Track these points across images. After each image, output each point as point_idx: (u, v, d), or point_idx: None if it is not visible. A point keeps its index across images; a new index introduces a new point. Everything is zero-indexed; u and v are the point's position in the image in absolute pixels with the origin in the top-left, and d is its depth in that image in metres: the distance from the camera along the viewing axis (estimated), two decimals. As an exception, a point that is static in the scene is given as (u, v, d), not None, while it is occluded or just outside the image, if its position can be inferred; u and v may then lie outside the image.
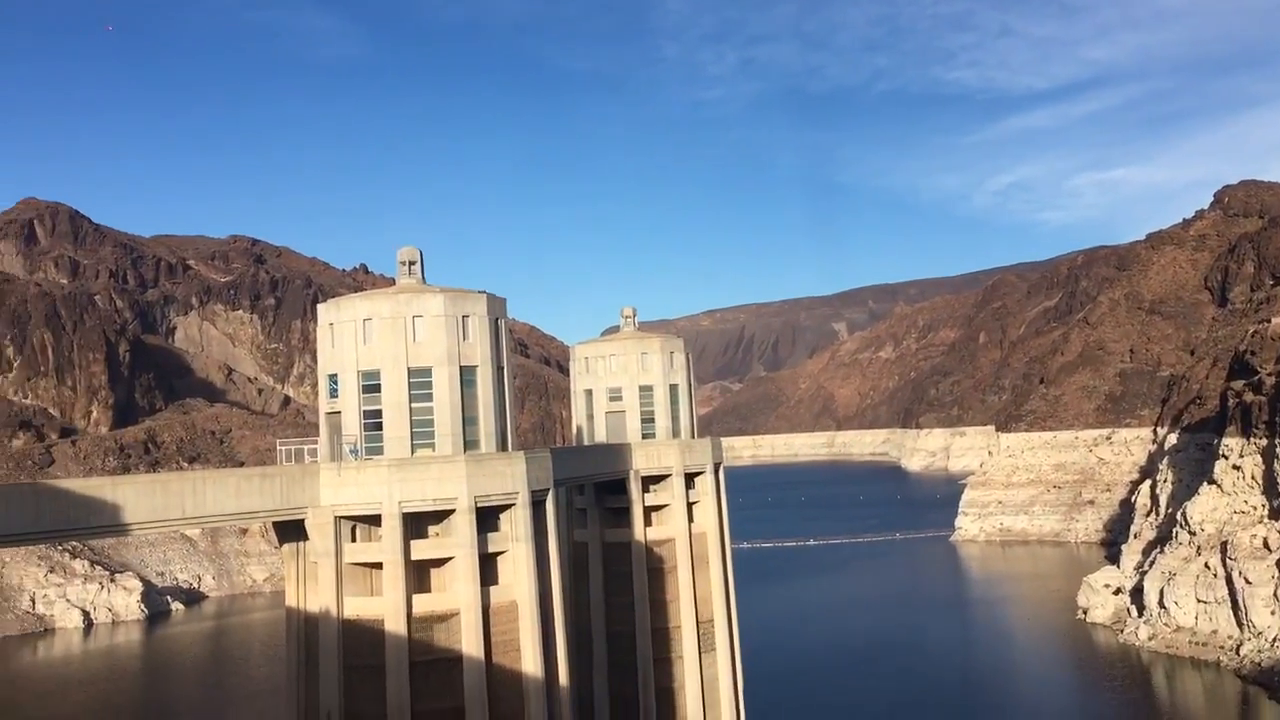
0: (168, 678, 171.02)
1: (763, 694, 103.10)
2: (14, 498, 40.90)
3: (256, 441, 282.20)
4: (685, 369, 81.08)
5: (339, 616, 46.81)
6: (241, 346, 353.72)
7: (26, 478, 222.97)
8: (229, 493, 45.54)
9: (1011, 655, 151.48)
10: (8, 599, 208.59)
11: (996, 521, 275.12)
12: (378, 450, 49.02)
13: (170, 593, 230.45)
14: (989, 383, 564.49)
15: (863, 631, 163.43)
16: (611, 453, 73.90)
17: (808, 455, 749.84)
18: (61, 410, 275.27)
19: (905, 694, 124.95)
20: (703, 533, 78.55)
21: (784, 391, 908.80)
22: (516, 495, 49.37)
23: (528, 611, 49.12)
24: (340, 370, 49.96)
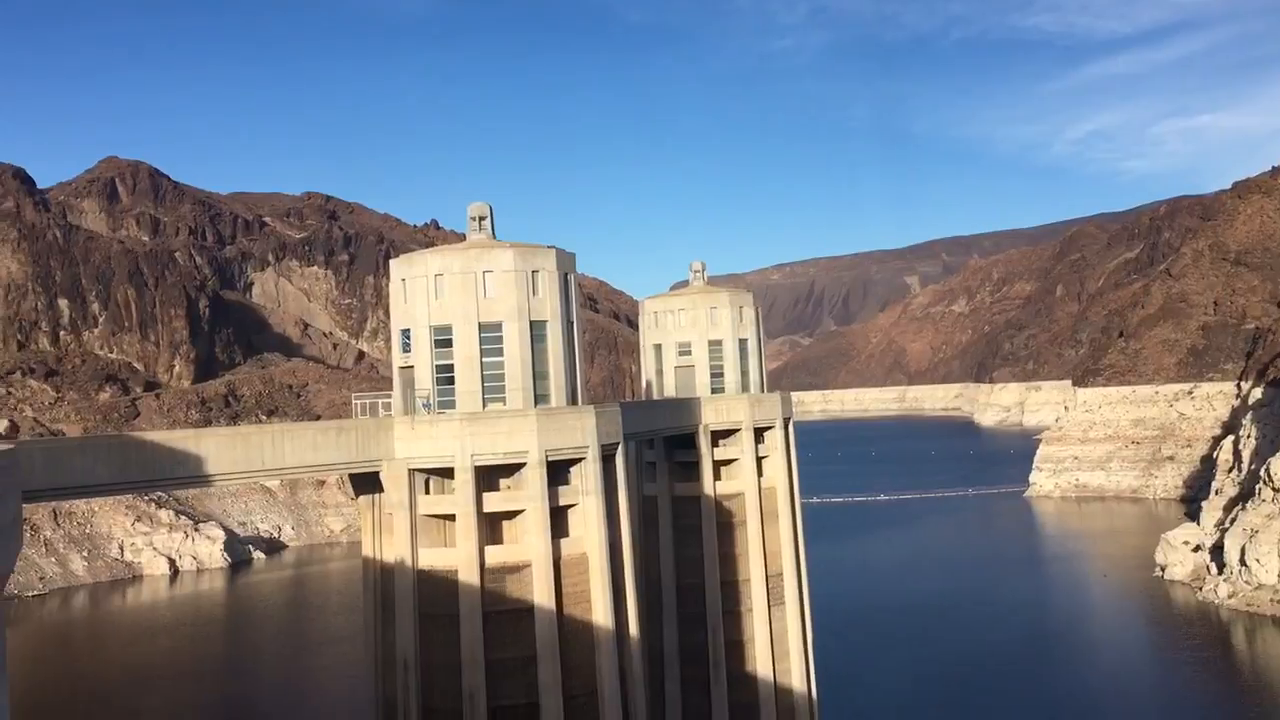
0: (250, 624, 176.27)
1: (832, 648, 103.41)
2: (102, 449, 42.21)
3: (332, 395, 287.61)
4: (754, 323, 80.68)
5: (414, 567, 47.72)
6: (316, 302, 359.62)
7: (113, 430, 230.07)
8: (306, 445, 46.49)
9: (1086, 613, 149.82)
10: (98, 547, 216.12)
11: (1072, 477, 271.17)
12: (450, 404, 49.62)
13: (251, 542, 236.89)
14: (1066, 336, 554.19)
15: (933, 587, 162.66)
16: (680, 407, 74.02)
17: (878, 410, 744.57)
18: (145, 364, 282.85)
19: (976, 650, 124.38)
20: (772, 487, 78.53)
21: (854, 346, 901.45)
22: (586, 449, 49.73)
23: (598, 564, 49.64)
24: (412, 325, 50.54)
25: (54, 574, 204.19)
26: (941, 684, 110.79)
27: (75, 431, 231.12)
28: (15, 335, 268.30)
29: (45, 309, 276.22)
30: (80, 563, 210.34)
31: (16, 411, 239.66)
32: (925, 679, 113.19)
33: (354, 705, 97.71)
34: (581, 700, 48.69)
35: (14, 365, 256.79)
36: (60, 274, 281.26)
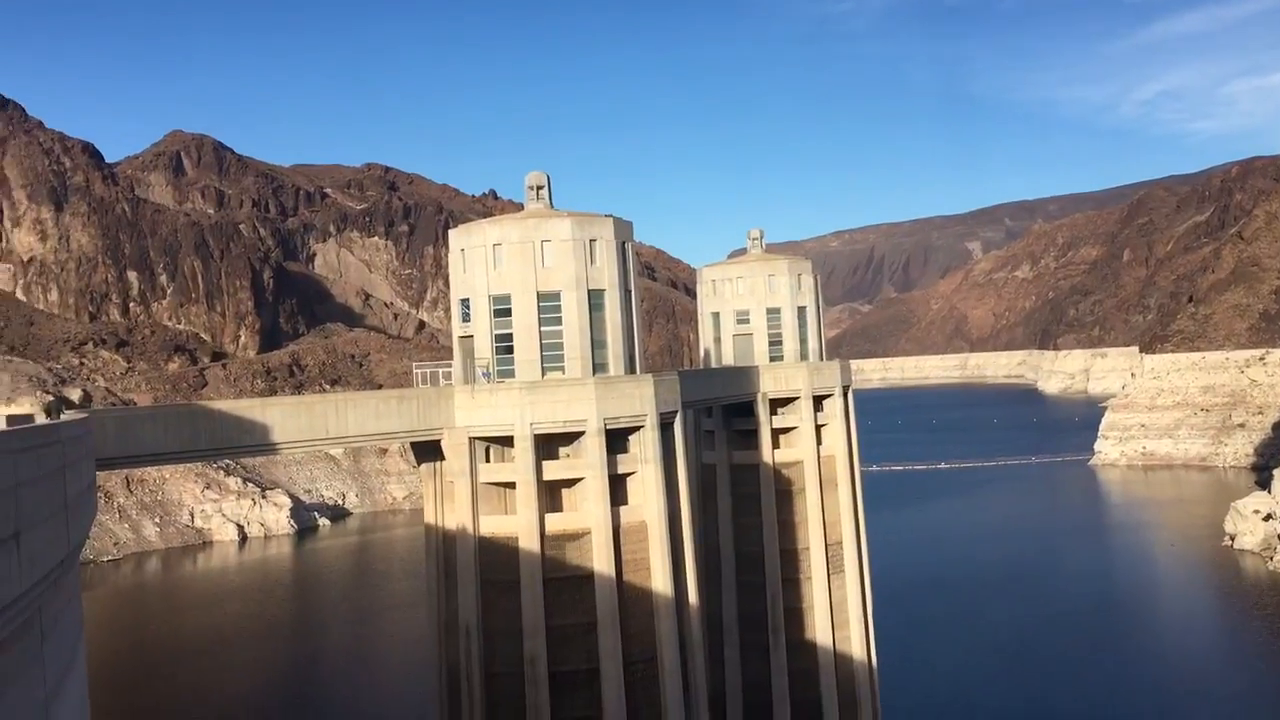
0: (316, 589, 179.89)
1: (892, 616, 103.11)
2: (172, 418, 43.20)
3: (393, 364, 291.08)
4: (813, 291, 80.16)
5: (475, 534, 48.33)
6: (377, 272, 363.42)
7: (182, 399, 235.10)
8: (369, 414, 47.17)
9: (1152, 583, 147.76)
10: (169, 513, 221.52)
11: (1139, 445, 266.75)
12: (509, 373, 50.00)
13: (317, 509, 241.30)
14: (1133, 302, 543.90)
15: (995, 556, 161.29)
16: (739, 375, 73.90)
17: (939, 378, 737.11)
18: (212, 335, 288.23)
19: (1039, 621, 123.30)
20: (831, 455, 78.25)
21: (915, 313, 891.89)
22: (645, 417, 49.88)
23: (657, 531, 49.89)
24: (472, 295, 50.92)
25: (128, 540, 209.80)
26: (1003, 654, 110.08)
27: (145, 401, 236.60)
28: (87, 307, 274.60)
29: (115, 281, 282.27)
30: (153, 529, 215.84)
31: (89, 381, 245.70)
32: (986, 648, 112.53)
33: (417, 669, 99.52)
34: (641, 666, 49.11)
35: (86, 336, 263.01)
36: (129, 247, 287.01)
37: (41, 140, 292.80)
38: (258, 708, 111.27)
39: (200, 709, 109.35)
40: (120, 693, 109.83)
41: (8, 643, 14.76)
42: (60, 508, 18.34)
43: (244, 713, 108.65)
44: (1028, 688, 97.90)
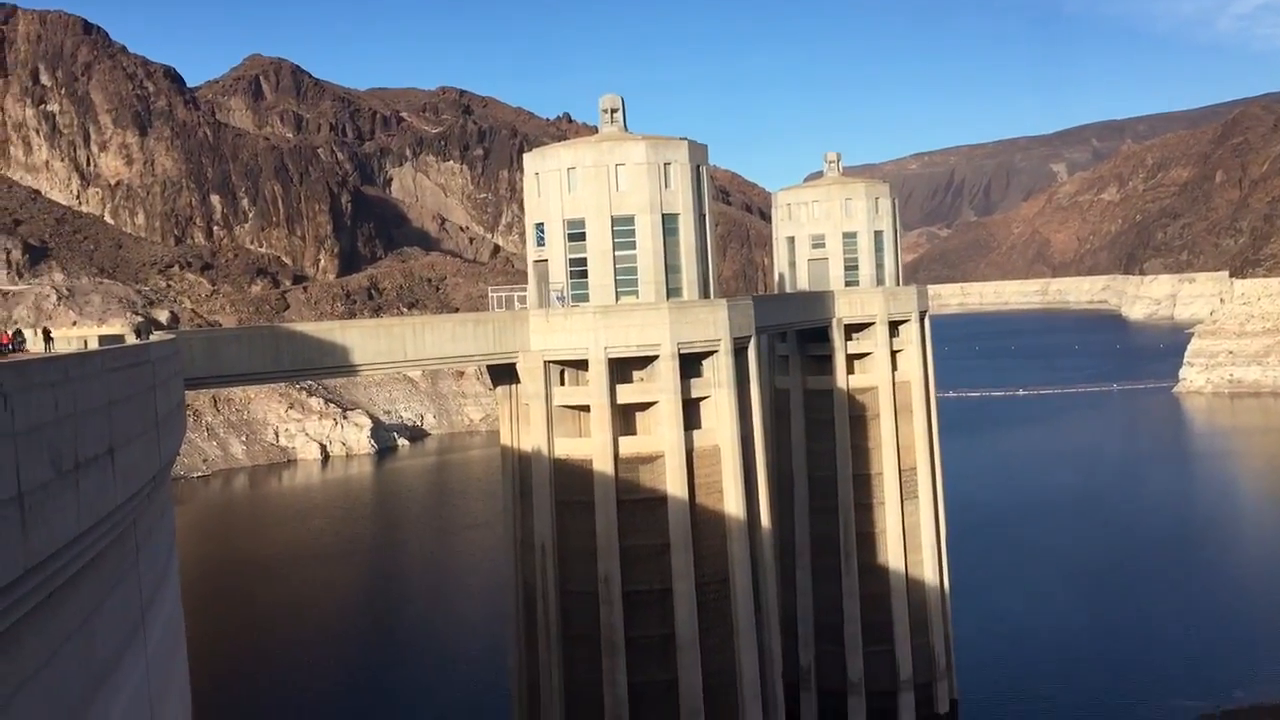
0: (395, 507, 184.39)
1: (966, 543, 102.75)
2: (256, 340, 44.31)
3: (469, 288, 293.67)
4: (890, 215, 78.93)
5: (550, 456, 49.04)
6: (453, 196, 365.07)
7: (264, 321, 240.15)
8: (445, 337, 47.85)
9: (1235, 512, 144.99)
10: (255, 432, 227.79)
11: (1226, 373, 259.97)
12: (583, 298, 50.22)
13: (396, 430, 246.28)
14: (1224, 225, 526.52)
15: (1073, 484, 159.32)
16: (814, 300, 73.34)
17: (1019, 304, 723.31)
18: (293, 258, 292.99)
19: (1116, 549, 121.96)
20: (906, 381, 77.64)
21: (995, 237, 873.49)
22: (718, 342, 49.87)
23: (729, 455, 50.14)
24: (546, 219, 51.03)
25: (216, 457, 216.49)
26: (1078, 583, 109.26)
27: (230, 323, 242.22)
28: (173, 230, 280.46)
29: (199, 205, 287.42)
30: (239, 447, 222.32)
31: (176, 303, 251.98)
32: (1061, 577, 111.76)
33: (494, 587, 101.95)
34: (713, 587, 49.75)
35: (172, 259, 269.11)
36: (212, 171, 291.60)
37: (125, 65, 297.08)
38: (340, 621, 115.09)
39: (286, 620, 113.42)
40: (211, 603, 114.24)
41: (105, 554, 15.42)
42: (151, 425, 18.98)
43: (326, 626, 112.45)
44: (1101, 617, 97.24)
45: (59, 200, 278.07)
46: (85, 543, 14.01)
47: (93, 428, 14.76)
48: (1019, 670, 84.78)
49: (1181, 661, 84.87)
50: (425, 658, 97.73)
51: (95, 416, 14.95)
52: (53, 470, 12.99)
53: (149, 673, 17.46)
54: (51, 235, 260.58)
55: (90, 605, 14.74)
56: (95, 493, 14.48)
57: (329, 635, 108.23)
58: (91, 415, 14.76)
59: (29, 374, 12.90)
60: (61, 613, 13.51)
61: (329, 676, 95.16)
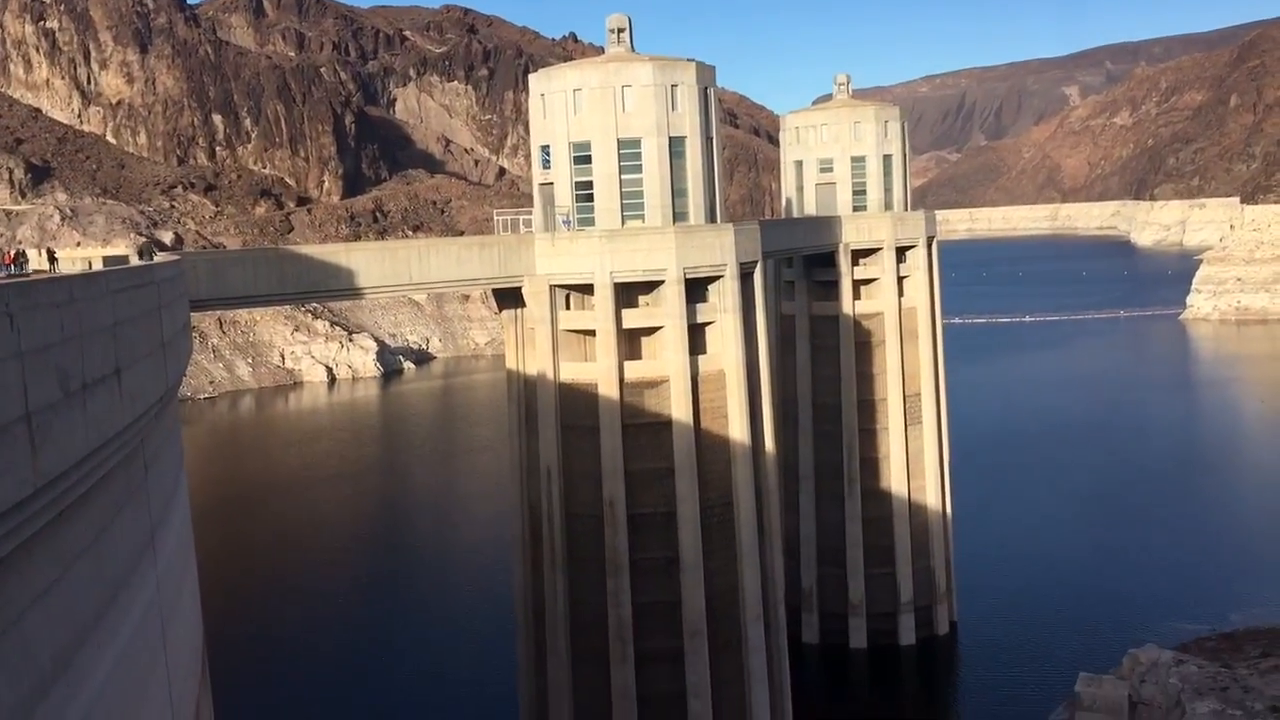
0: (402, 430, 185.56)
1: (969, 468, 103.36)
2: (261, 262, 44.18)
3: (474, 211, 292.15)
4: (900, 139, 78.09)
5: (555, 380, 49.17)
6: (457, 118, 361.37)
7: (269, 243, 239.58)
8: (451, 260, 47.70)
9: (1237, 438, 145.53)
10: (261, 354, 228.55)
11: (1233, 300, 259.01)
12: (589, 221, 49.93)
13: (402, 353, 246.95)
14: (1238, 150, 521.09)
15: (1078, 410, 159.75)
16: (821, 225, 72.91)
17: (1027, 229, 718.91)
18: (296, 180, 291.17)
19: (1120, 474, 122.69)
20: (912, 307, 77.49)
21: (1005, 162, 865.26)
22: (725, 267, 49.68)
23: (735, 380, 50.25)
24: (552, 141, 50.53)
25: (222, 378, 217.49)
26: (1080, 507, 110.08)
27: (234, 244, 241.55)
28: (175, 150, 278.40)
29: (201, 125, 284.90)
30: (245, 369, 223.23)
31: (180, 225, 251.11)
32: (1063, 502, 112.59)
33: (500, 510, 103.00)
34: (717, 510, 50.21)
35: (176, 180, 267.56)
36: (213, 90, 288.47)
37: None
38: (347, 543, 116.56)
39: (294, 541, 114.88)
40: (220, 523, 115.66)
41: (114, 474, 15.55)
42: (158, 346, 19.01)
43: (334, 547, 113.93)
44: (1101, 542, 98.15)
45: (60, 119, 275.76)
46: (94, 462, 14.11)
47: (99, 349, 14.78)
48: (1018, 594, 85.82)
49: (1179, 585, 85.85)
50: (431, 580, 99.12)
51: (101, 337, 14.97)
52: (60, 390, 13.03)
53: (160, 590, 17.72)
54: (53, 155, 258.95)
55: (101, 524, 14.90)
56: (103, 413, 14.55)
57: (336, 556, 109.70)
58: (97, 336, 14.78)
59: (35, 294, 12.89)
60: (72, 531, 13.66)
61: (336, 596, 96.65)
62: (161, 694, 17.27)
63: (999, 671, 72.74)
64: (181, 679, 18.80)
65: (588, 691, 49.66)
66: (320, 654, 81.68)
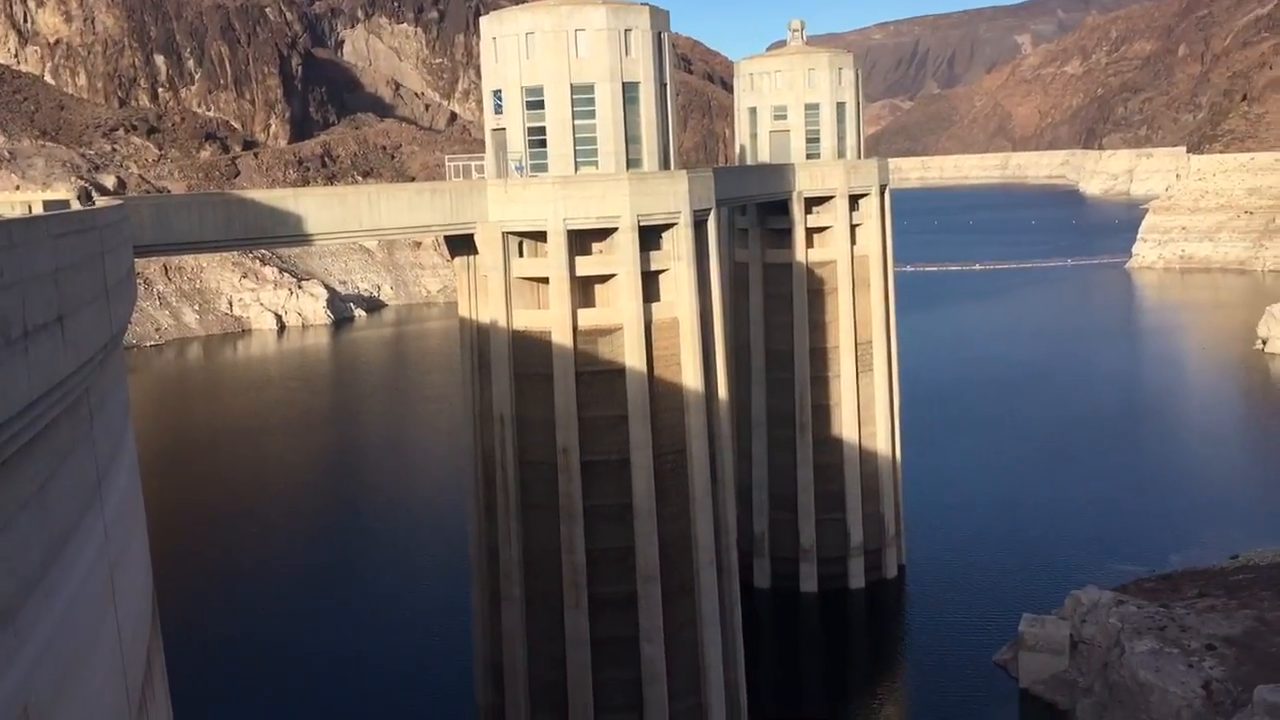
0: (354, 378, 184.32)
1: (919, 415, 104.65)
2: (207, 207, 43.31)
3: (425, 157, 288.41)
4: (854, 86, 77.96)
5: (509, 328, 48.96)
6: (407, 61, 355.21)
7: (215, 188, 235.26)
8: (401, 207, 47.11)
9: (1181, 384, 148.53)
10: (208, 301, 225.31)
11: (1178, 248, 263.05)
12: (542, 167, 49.47)
13: (352, 300, 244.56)
14: (1185, 100, 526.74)
15: (1026, 358, 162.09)
16: (775, 173, 72.84)
17: (979, 178, 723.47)
18: (242, 123, 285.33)
19: (1066, 420, 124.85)
20: (865, 255, 77.89)
21: (957, 110, 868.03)
22: (679, 214, 49.54)
23: (688, 328, 50.33)
24: (504, 86, 49.85)
25: (169, 326, 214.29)
26: (1027, 453, 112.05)
27: (179, 189, 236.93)
28: (116, 92, 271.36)
29: (143, 65, 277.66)
30: (192, 316, 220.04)
31: (122, 168, 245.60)
32: (1011, 446, 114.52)
33: (453, 458, 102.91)
34: (671, 457, 50.50)
35: (117, 122, 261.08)
36: (155, 30, 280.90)
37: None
38: (299, 491, 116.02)
39: (245, 491, 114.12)
40: (169, 471, 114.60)
41: (58, 422, 15.28)
42: (101, 293, 18.62)
43: (286, 496, 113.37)
44: (1047, 486, 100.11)
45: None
46: (37, 411, 13.85)
47: (40, 295, 14.45)
48: (965, 537, 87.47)
49: (1121, 529, 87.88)
50: (384, 527, 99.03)
51: (43, 284, 14.62)
52: (0, 338, 12.74)
53: (108, 541, 17.51)
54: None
55: (45, 474, 14.65)
56: (45, 361, 14.26)
57: (288, 504, 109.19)
58: (39, 282, 14.43)
59: (-30, 240, 12.53)
60: (16, 481, 13.43)
61: (289, 544, 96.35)
62: (111, 645, 17.14)
63: (946, 613, 74.27)
64: (132, 629, 18.67)
65: (542, 636, 50.07)
66: (273, 601, 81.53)
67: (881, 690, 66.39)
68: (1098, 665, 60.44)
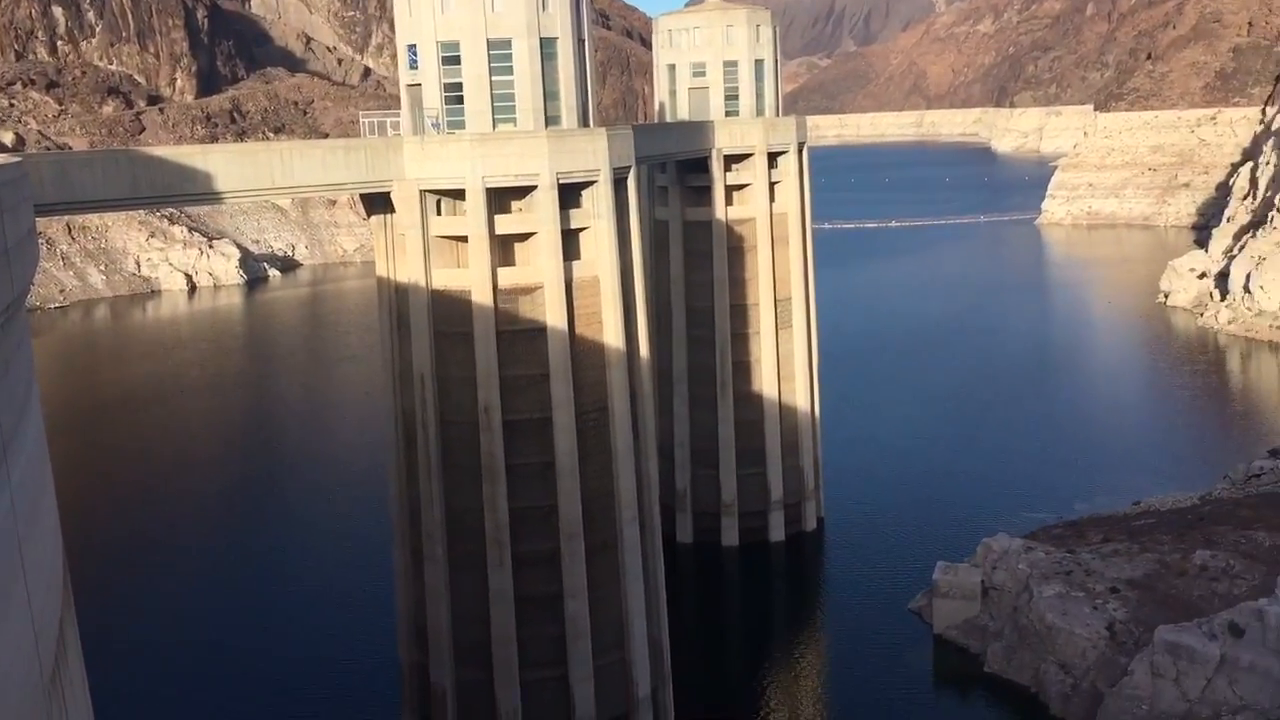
0: (268, 340, 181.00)
1: (837, 370, 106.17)
2: (111, 164, 41.88)
3: (339, 113, 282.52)
4: (772, 43, 78.04)
5: (428, 287, 48.42)
6: (318, 14, 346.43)
7: (119, 145, 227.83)
8: (315, 164, 46.12)
9: (1087, 337, 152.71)
10: (114, 261, 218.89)
11: (1085, 205, 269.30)
12: (459, 124, 48.78)
13: (266, 260, 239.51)
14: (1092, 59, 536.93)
15: (940, 312, 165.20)
16: (694, 131, 72.77)
17: (895, 136, 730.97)
18: (147, 77, 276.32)
19: (978, 372, 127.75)
20: (784, 213, 78.39)
21: (874, 68, 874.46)
22: (598, 172, 49.29)
23: (609, 286, 50.28)
24: (419, 41, 48.93)
25: (73, 287, 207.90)
26: (941, 404, 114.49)
27: (81, 146, 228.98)
28: (12, 44, 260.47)
29: (40, 16, 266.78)
30: (98, 276, 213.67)
31: (20, 124, 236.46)
32: (926, 399, 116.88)
33: (373, 419, 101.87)
34: (593, 416, 50.61)
35: (14, 76, 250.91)
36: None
37: None
38: (213, 454, 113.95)
39: (156, 452, 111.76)
40: (78, 436, 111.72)
41: (-39, 390, 14.80)
42: (0, 252, 18.00)
43: (199, 459, 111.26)
44: (959, 438, 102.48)
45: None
46: (-62, 378, 13.39)
47: (-63, 257, 13.92)
48: (882, 489, 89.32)
49: (1031, 478, 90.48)
50: (303, 489, 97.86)
51: (-61, 245, 14.09)
52: (-104, 303, 12.26)
53: (14, 510, 17.06)
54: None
55: (-52, 442, 14.19)
56: (-55, 326, 13.77)
57: (203, 467, 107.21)
58: (-66, 244, 13.91)
59: None
60: (-83, 450, 12.99)
61: (204, 511, 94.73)
62: (22, 615, 16.76)
63: (863, 563, 75.93)
64: (42, 599, 18.26)
65: (465, 595, 50.10)
66: (190, 567, 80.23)
67: (801, 640, 67.77)
68: (1008, 610, 62.38)
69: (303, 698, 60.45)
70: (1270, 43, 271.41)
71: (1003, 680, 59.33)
